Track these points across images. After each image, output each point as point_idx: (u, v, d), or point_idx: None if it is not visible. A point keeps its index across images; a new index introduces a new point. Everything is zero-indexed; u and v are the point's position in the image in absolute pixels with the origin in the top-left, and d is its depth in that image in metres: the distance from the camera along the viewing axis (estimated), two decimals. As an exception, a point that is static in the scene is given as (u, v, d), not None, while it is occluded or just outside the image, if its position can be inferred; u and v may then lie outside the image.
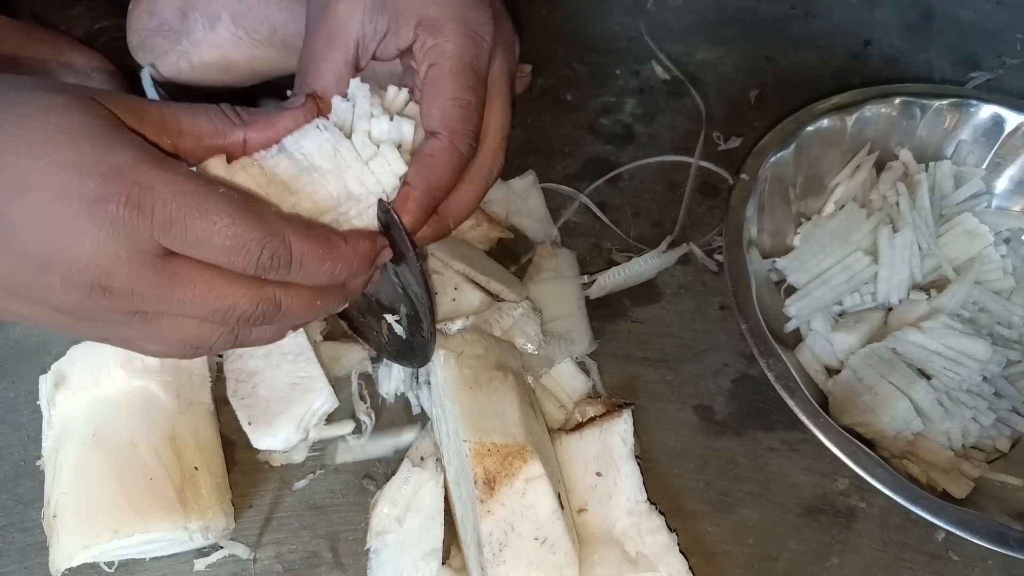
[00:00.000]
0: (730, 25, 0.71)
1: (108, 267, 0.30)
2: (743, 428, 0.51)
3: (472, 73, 0.39)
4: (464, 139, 0.39)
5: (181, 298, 0.31)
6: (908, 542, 0.48)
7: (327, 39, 0.39)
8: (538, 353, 0.50)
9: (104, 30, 0.60)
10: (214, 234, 0.31)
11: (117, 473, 0.41)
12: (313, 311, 0.36)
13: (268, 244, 0.32)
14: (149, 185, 0.30)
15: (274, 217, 0.33)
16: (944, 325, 0.49)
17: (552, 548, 0.41)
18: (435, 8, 0.39)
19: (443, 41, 0.38)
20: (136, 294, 0.31)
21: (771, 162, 0.52)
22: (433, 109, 0.39)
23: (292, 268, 0.33)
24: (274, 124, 0.36)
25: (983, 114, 0.55)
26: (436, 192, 0.39)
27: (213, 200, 0.31)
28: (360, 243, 0.36)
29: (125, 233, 0.30)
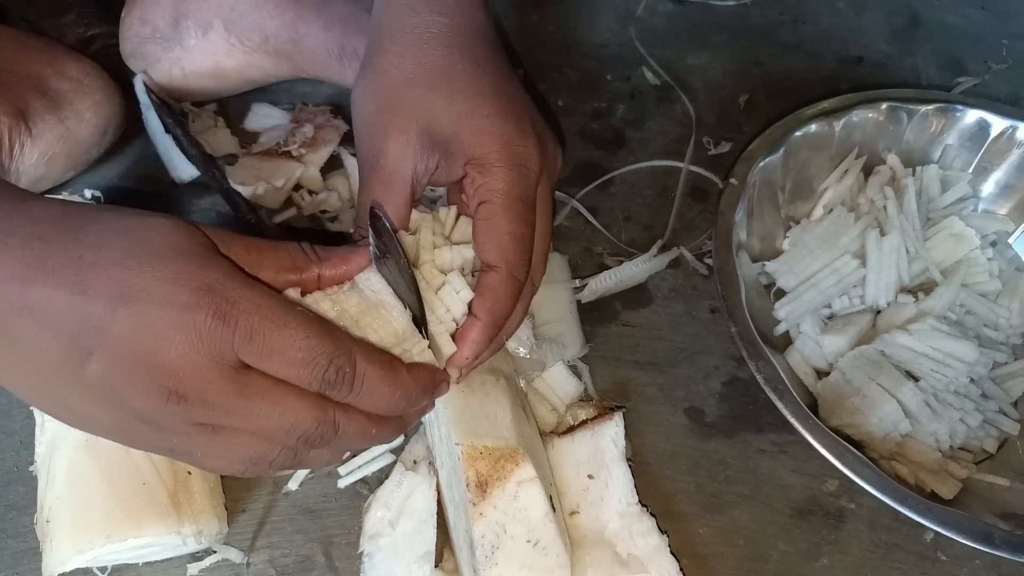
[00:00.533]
0: (719, 31, 0.71)
1: (187, 374, 0.31)
2: (733, 430, 0.52)
3: (523, 206, 0.41)
4: (521, 269, 0.41)
5: (249, 412, 0.33)
6: (897, 542, 0.49)
7: (384, 184, 0.41)
8: (530, 357, 0.51)
9: (96, 37, 0.61)
10: (288, 346, 0.32)
11: (110, 478, 0.41)
12: (368, 438, 0.37)
13: (335, 359, 0.33)
14: (235, 300, 0.32)
15: (344, 336, 0.35)
16: (931, 327, 0.50)
17: (544, 550, 0.41)
18: (483, 148, 0.40)
19: (492, 179, 0.40)
20: (208, 404, 0.32)
21: (759, 167, 0.52)
22: (489, 244, 0.40)
23: (355, 387, 0.34)
24: (347, 261, 0.38)
25: (968, 119, 0.56)
26: (500, 321, 0.41)
27: (291, 316, 0.33)
28: (420, 371, 0.37)
29: (209, 342, 0.31)
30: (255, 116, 0.63)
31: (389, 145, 0.40)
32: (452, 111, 0.40)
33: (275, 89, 0.64)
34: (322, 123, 0.62)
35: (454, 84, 0.41)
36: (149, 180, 0.59)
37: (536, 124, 0.43)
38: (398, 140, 0.40)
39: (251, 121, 0.63)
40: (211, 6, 0.58)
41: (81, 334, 0.31)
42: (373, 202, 0.39)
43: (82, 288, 0.31)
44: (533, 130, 0.42)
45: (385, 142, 0.40)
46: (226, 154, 0.61)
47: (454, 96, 0.41)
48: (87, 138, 0.55)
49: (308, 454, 0.36)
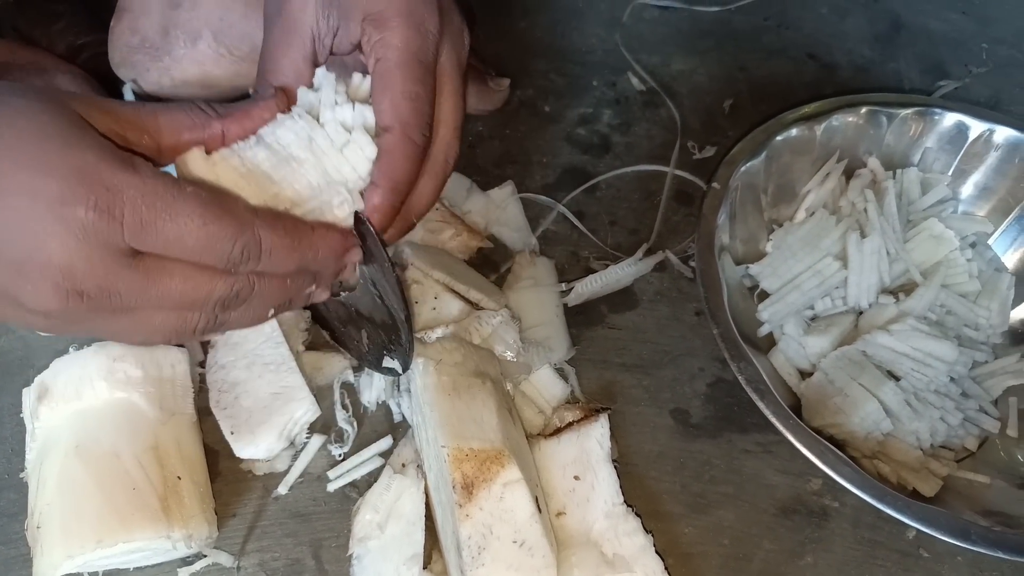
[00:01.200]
0: (704, 37, 0.72)
1: (81, 271, 0.30)
2: (718, 431, 0.52)
3: (419, 65, 0.39)
4: (417, 131, 0.39)
5: (157, 293, 0.32)
6: (880, 540, 0.49)
7: (283, 35, 0.40)
8: (517, 360, 0.51)
9: (86, 46, 0.61)
10: (185, 235, 0.31)
11: (100, 483, 0.42)
12: (286, 291, 0.36)
13: (238, 239, 0.33)
14: (117, 188, 0.30)
15: (243, 212, 0.34)
16: (912, 328, 0.51)
17: (530, 551, 0.42)
18: (379, 2, 0.39)
19: (388, 35, 0.39)
20: (112, 294, 0.31)
21: (741, 171, 0.53)
22: (384, 104, 0.39)
23: (262, 259, 0.34)
24: (250, 115, 0.37)
25: (947, 122, 0.57)
26: (400, 187, 0.40)
27: (183, 201, 0.31)
28: (328, 235, 0.37)
29: (96, 237, 0.30)
30: (244, 124, 0.64)
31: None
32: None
33: (264, 97, 0.65)
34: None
35: None
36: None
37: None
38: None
39: (240, 129, 0.63)
40: (200, 16, 0.59)
41: None
42: (358, 210, 0.39)
43: None
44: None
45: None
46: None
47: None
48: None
49: (230, 315, 0.35)
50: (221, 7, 0.59)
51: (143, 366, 0.45)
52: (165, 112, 0.35)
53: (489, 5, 0.73)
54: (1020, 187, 0.56)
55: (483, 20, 0.72)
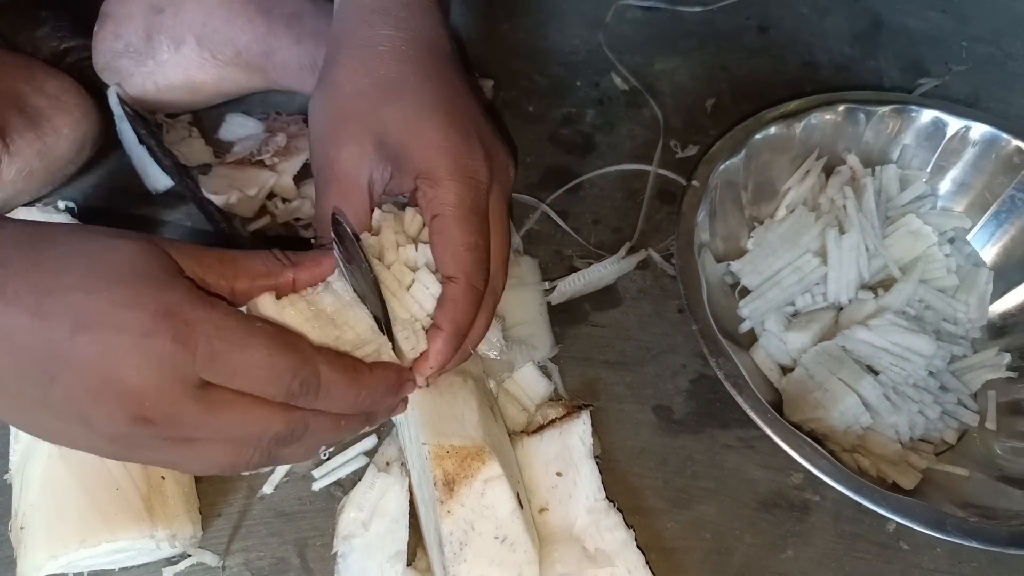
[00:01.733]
0: (687, 37, 0.73)
1: (151, 398, 0.32)
2: (700, 426, 0.53)
3: (475, 217, 0.42)
4: (480, 278, 0.42)
5: (218, 424, 0.34)
6: (860, 533, 0.50)
7: (340, 192, 0.42)
8: (500, 358, 0.52)
9: (71, 50, 0.62)
10: (251, 365, 0.33)
11: (84, 484, 0.42)
12: (339, 431, 0.38)
13: (300, 372, 0.34)
14: (194, 322, 0.32)
15: (306, 347, 0.35)
16: (890, 323, 0.51)
17: (512, 546, 0.42)
18: (431, 162, 0.41)
19: (443, 192, 0.41)
20: (176, 423, 0.33)
21: (721, 169, 0.54)
22: (446, 257, 0.41)
23: (320, 395, 0.35)
24: (319, 264, 0.39)
25: (924, 119, 0.57)
26: (463, 330, 0.42)
27: (251, 334, 0.33)
28: (385, 374, 0.39)
29: (170, 366, 0.32)
30: (229, 126, 0.64)
31: (343, 155, 0.41)
32: (402, 124, 0.41)
33: (249, 99, 0.65)
34: (295, 132, 0.63)
35: (404, 98, 0.42)
36: (124, 191, 0.60)
37: (485, 136, 0.44)
38: (352, 150, 0.41)
39: (225, 131, 0.64)
40: (183, 21, 0.59)
41: (44, 360, 0.31)
42: (335, 208, 0.40)
43: (42, 313, 0.31)
44: (481, 142, 0.43)
45: (339, 152, 0.41)
46: (200, 164, 0.62)
47: (404, 110, 0.42)
48: (65, 154, 0.56)
49: (282, 452, 0.36)
50: (204, 12, 0.59)
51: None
52: (245, 259, 0.37)
53: (472, 7, 0.73)
54: (997, 182, 0.57)
55: (466, 22, 0.72)
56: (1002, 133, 0.56)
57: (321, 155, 0.43)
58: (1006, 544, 0.42)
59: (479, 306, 0.42)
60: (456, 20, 0.72)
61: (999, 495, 0.48)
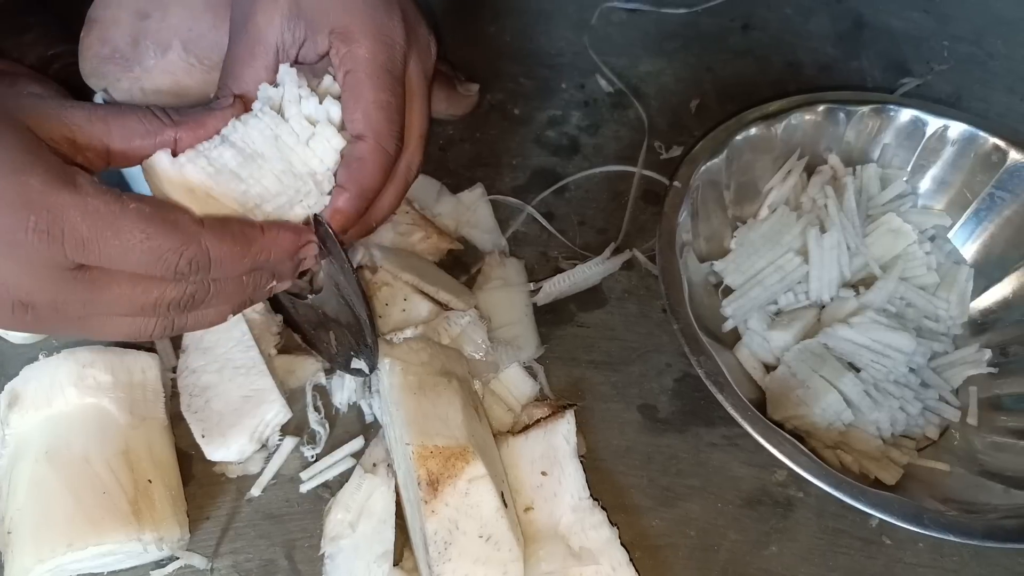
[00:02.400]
0: (671, 38, 0.73)
1: (27, 289, 0.31)
2: (685, 425, 0.53)
3: (389, 76, 0.41)
4: (391, 140, 0.41)
5: (106, 301, 0.33)
6: (843, 528, 0.50)
7: (248, 46, 0.41)
8: (485, 359, 0.52)
9: (57, 56, 0.62)
10: (128, 250, 0.32)
11: (71, 488, 0.42)
12: (243, 290, 0.37)
13: (184, 252, 0.33)
14: (58, 209, 0.31)
15: (188, 224, 0.34)
16: (871, 320, 0.52)
17: (497, 545, 0.43)
18: (345, 16, 0.40)
19: (356, 48, 0.40)
20: (59, 306, 0.32)
21: (702, 170, 0.54)
22: (356, 114, 0.40)
23: (212, 269, 0.34)
24: (204, 123, 0.38)
25: (903, 118, 0.58)
26: (368, 194, 0.41)
27: (124, 217, 0.32)
28: (279, 235, 0.37)
29: (38, 256, 0.31)
30: (216, 131, 0.64)
31: (257, 10, 0.40)
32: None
33: (236, 104, 0.66)
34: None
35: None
36: (112, 196, 0.60)
37: (406, 7, 0.43)
38: (265, 6, 0.40)
39: (213, 136, 0.64)
40: (169, 27, 0.59)
41: None
42: (316, 213, 0.40)
43: None
44: (402, 12, 0.42)
45: (253, 6, 0.41)
46: (188, 169, 0.62)
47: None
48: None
49: (187, 318, 0.36)
50: (190, 18, 0.59)
51: (113, 372, 0.46)
52: (117, 117, 0.36)
53: (459, 10, 0.74)
54: (976, 180, 0.57)
55: (453, 25, 0.73)
56: (980, 131, 0.56)
57: (237, 10, 0.42)
58: (982, 537, 0.42)
59: (388, 172, 0.41)
60: (442, 22, 0.73)
61: (980, 490, 0.49)
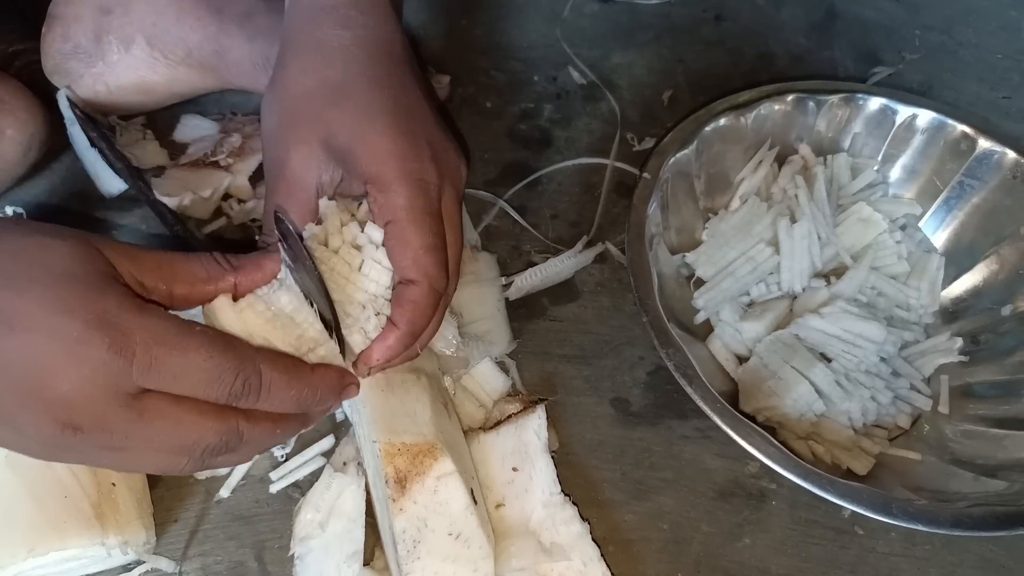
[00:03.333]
0: (644, 30, 0.73)
1: (81, 407, 0.31)
2: (658, 418, 0.53)
3: (429, 219, 0.41)
4: (442, 280, 0.42)
5: (149, 434, 0.33)
6: (816, 519, 0.50)
7: (288, 193, 0.42)
8: (456, 355, 0.52)
9: (19, 53, 0.61)
10: (192, 369, 0.33)
11: (33, 492, 0.41)
12: (273, 438, 0.38)
13: (241, 372, 0.34)
14: (130, 330, 0.32)
15: (246, 347, 0.36)
16: (842, 310, 0.52)
17: (466, 542, 0.42)
18: (377, 165, 0.41)
19: (392, 197, 0.41)
20: (105, 431, 0.33)
21: (672, 161, 0.54)
22: (405, 260, 0.41)
23: (262, 395, 0.35)
24: (261, 267, 0.39)
25: (872, 107, 0.58)
26: (417, 331, 0.42)
27: (190, 338, 0.33)
28: (327, 373, 0.39)
29: (104, 376, 0.31)
30: (184, 127, 0.63)
31: (292, 156, 0.41)
32: (348, 128, 0.41)
33: (204, 100, 0.65)
34: (250, 132, 0.62)
35: (351, 100, 0.42)
36: (77, 195, 0.59)
37: (434, 138, 0.43)
38: (300, 151, 0.41)
39: (180, 132, 0.63)
40: (132, 21, 0.59)
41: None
42: (277, 207, 0.40)
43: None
44: (429, 144, 0.43)
45: (288, 153, 0.41)
46: (155, 166, 0.61)
47: (350, 112, 0.42)
48: (10, 156, 0.55)
49: (216, 460, 0.36)
50: (154, 12, 0.58)
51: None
52: (184, 262, 0.37)
53: (430, 4, 0.73)
54: (946, 169, 0.57)
55: (424, 20, 0.72)
56: (948, 120, 0.56)
57: (271, 156, 0.43)
58: (950, 526, 0.42)
59: (436, 309, 0.42)
60: (413, 16, 0.72)
61: (950, 478, 0.49)
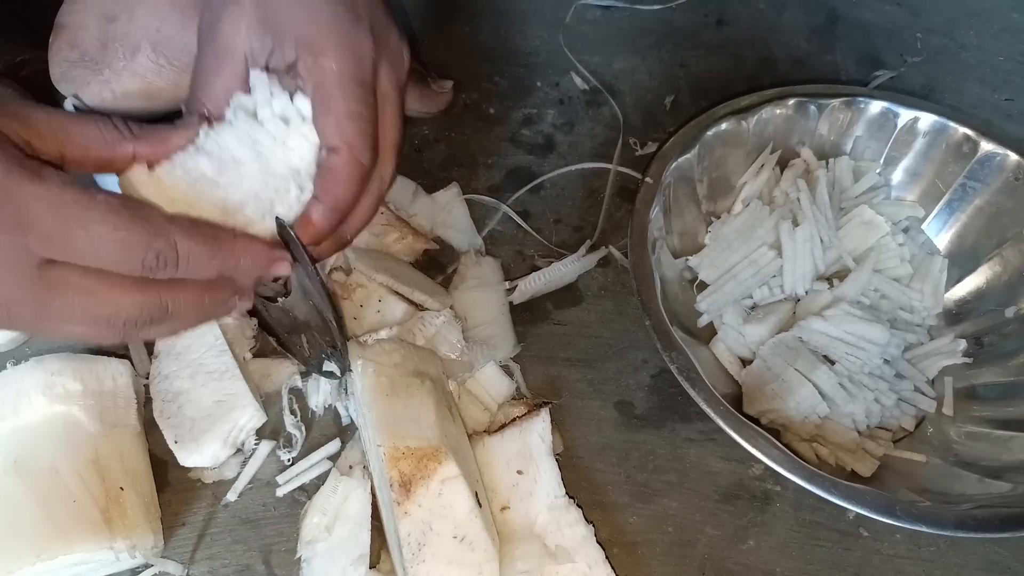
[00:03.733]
0: (645, 35, 0.73)
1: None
2: (662, 421, 0.53)
3: (359, 87, 0.40)
4: (364, 151, 0.40)
5: (61, 306, 0.32)
6: (821, 521, 0.50)
7: (216, 57, 0.40)
8: (460, 359, 0.52)
9: (26, 62, 0.61)
10: (97, 242, 0.31)
11: (40, 499, 0.42)
12: (202, 309, 0.36)
13: (153, 245, 0.33)
14: (23, 200, 0.30)
15: (158, 218, 0.34)
16: (844, 312, 0.52)
17: (471, 545, 0.42)
18: (311, 28, 0.39)
19: (323, 59, 0.39)
20: (14, 309, 0.32)
21: (674, 166, 0.54)
22: (328, 126, 0.40)
23: (180, 266, 0.34)
24: (166, 141, 0.37)
25: (874, 110, 0.58)
26: (342, 206, 0.40)
27: (93, 208, 0.31)
28: (251, 245, 0.37)
29: (3, 251, 0.30)
30: (189, 135, 0.64)
31: (223, 19, 0.40)
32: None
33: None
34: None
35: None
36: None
37: (376, 16, 0.42)
38: (231, 14, 0.40)
39: (185, 140, 0.64)
40: (137, 29, 0.59)
41: None
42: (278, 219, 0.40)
43: None
44: (371, 22, 0.41)
45: (220, 18, 0.40)
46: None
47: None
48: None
49: (143, 331, 0.35)
50: (158, 19, 0.59)
51: (82, 380, 0.45)
52: (77, 124, 0.35)
53: (434, 11, 0.74)
54: (948, 171, 0.58)
55: (427, 26, 0.73)
56: (949, 122, 0.57)
57: (203, 23, 0.42)
58: (955, 528, 0.42)
59: (362, 183, 0.41)
60: (416, 22, 0.72)
61: (955, 480, 0.49)
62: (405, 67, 0.44)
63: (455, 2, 0.74)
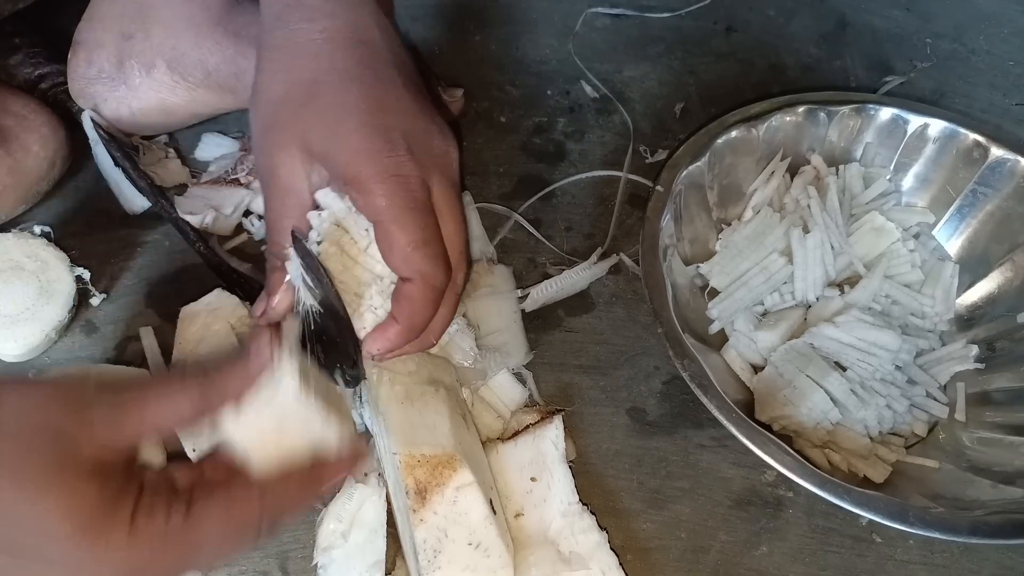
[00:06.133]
0: (655, 42, 0.74)
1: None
2: (674, 427, 0.54)
3: (414, 214, 0.40)
4: (436, 275, 0.41)
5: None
6: (833, 527, 0.50)
7: (282, 201, 0.42)
8: (473, 367, 0.52)
9: (45, 77, 0.62)
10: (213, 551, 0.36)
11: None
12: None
13: (259, 525, 0.37)
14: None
15: (253, 502, 0.37)
16: (856, 319, 0.52)
17: (486, 552, 0.43)
18: (351, 165, 0.40)
19: (371, 198, 0.40)
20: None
21: (684, 173, 0.55)
22: (395, 260, 0.40)
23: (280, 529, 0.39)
24: (244, 375, 0.38)
25: (884, 117, 0.58)
26: (419, 326, 0.42)
27: (196, 531, 0.35)
28: (333, 469, 0.41)
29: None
30: (205, 146, 0.65)
31: (276, 163, 0.41)
32: (321, 128, 0.40)
33: (224, 119, 0.66)
34: (270, 151, 0.63)
35: (321, 99, 0.41)
36: (102, 213, 0.61)
37: (412, 127, 0.42)
38: (283, 158, 0.41)
39: (201, 151, 0.65)
40: (153, 46, 0.60)
41: None
42: (294, 227, 0.41)
43: None
44: (404, 136, 0.41)
45: (272, 160, 0.41)
46: (177, 184, 0.62)
47: (321, 112, 0.40)
48: (35, 170, 0.57)
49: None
50: (173, 37, 0.60)
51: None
52: (166, 405, 0.36)
53: (444, 19, 0.74)
54: (958, 177, 0.58)
55: (438, 34, 0.73)
56: (960, 128, 0.57)
57: (260, 165, 0.43)
58: (968, 534, 0.43)
59: (438, 302, 0.42)
60: (428, 32, 0.73)
61: (968, 485, 0.49)
62: (455, 163, 0.44)
63: (466, 11, 0.75)
